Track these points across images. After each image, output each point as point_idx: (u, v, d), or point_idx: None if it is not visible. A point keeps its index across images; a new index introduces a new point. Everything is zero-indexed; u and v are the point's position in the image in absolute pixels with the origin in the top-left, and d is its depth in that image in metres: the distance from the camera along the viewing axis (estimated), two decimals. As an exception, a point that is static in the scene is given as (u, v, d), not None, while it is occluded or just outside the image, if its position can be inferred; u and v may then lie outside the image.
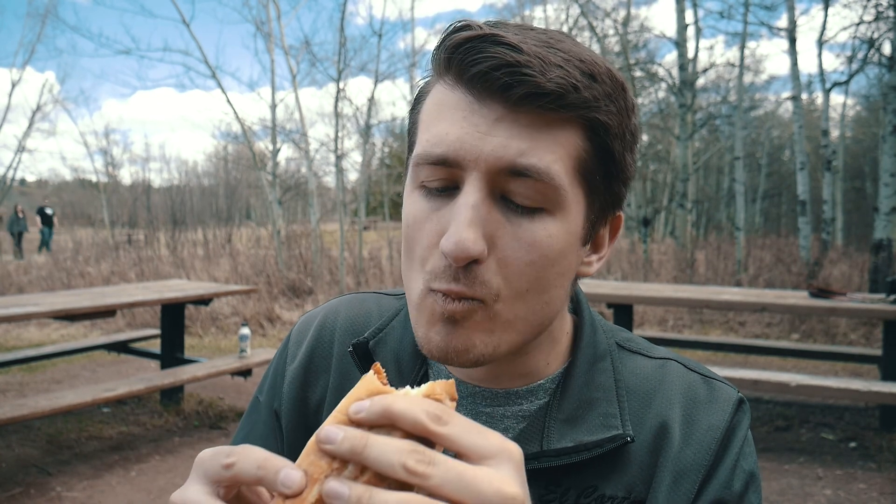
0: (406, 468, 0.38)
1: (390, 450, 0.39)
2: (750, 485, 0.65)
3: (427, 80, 0.63)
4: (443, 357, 0.58)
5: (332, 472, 0.42)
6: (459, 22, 0.57)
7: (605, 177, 0.59)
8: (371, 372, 0.47)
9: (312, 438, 0.44)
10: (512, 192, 0.56)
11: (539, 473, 0.63)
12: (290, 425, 0.75)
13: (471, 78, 0.55)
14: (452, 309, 0.57)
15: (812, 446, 4.12)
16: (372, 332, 0.73)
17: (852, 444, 4.11)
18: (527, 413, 0.67)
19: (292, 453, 0.58)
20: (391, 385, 0.68)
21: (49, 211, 18.24)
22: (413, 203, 0.60)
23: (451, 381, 0.46)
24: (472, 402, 0.68)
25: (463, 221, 0.54)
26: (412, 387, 0.67)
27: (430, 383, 0.46)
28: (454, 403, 0.46)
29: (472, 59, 0.54)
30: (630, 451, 0.64)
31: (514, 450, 0.42)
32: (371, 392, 0.45)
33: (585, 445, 0.62)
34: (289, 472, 0.42)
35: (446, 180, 0.57)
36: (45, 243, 17.15)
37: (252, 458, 0.44)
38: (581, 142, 0.57)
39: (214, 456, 0.45)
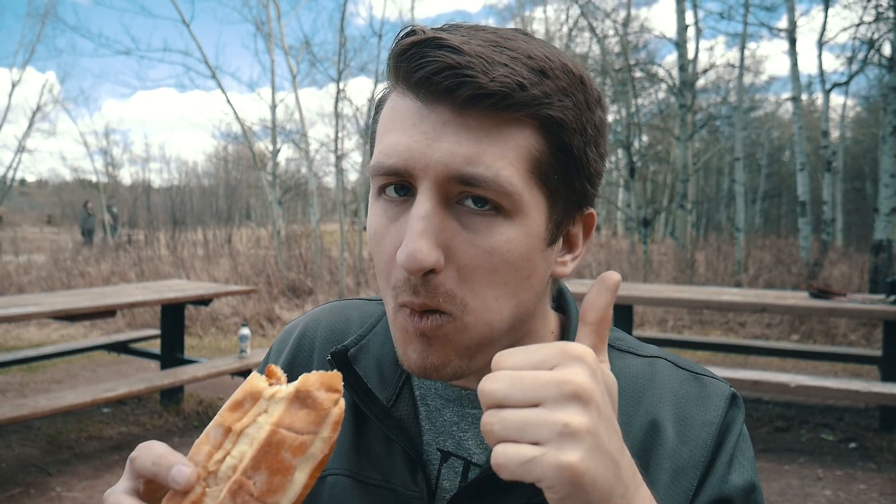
0: None
1: None
2: (752, 494, 0.64)
3: (385, 88, 0.62)
4: (421, 373, 0.58)
5: (211, 461, 0.47)
6: (406, 28, 0.57)
7: (564, 175, 0.58)
8: (255, 372, 0.50)
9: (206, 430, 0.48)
10: (464, 198, 0.55)
11: None
12: None
13: (416, 83, 0.54)
14: (422, 327, 0.56)
15: (812, 447, 4.12)
16: (353, 340, 0.72)
17: (852, 445, 4.12)
18: None
19: None
20: (372, 389, 0.70)
21: (114, 210, 18.42)
22: (373, 215, 0.60)
23: (334, 372, 0.49)
24: (459, 405, 0.67)
25: (415, 233, 0.53)
26: (392, 393, 0.69)
27: (303, 376, 0.48)
28: (336, 395, 0.48)
29: (415, 64, 0.53)
30: None
31: None
32: (246, 392, 0.48)
33: None
34: (180, 468, 0.45)
35: (402, 190, 0.57)
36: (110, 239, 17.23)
37: (150, 453, 0.47)
38: (535, 141, 0.55)
39: (134, 451, 0.48)
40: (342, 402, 0.48)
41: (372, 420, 0.67)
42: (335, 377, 0.48)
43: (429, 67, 0.52)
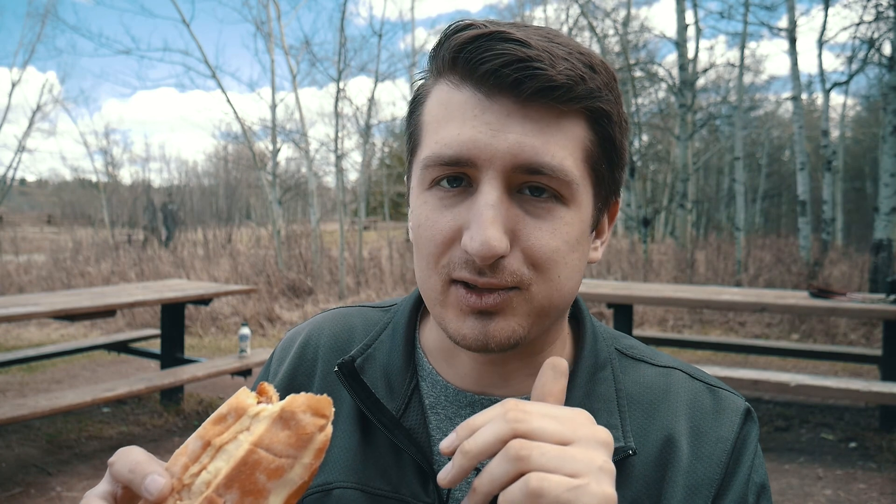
0: None
1: None
2: (762, 497, 0.64)
3: (424, 81, 0.63)
4: (482, 346, 0.58)
5: (187, 473, 0.45)
6: (461, 21, 0.57)
7: (608, 165, 0.61)
8: (245, 388, 0.49)
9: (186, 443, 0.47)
10: (528, 186, 0.57)
11: None
12: None
13: (481, 76, 0.55)
14: (488, 304, 0.57)
15: (812, 446, 4.12)
16: (359, 350, 0.71)
17: (852, 445, 4.11)
18: None
19: None
20: (381, 399, 0.69)
21: (172, 207, 18.48)
22: (423, 204, 0.60)
23: (323, 397, 0.47)
24: (471, 412, 0.67)
25: (486, 221, 0.54)
26: (401, 403, 0.68)
27: (291, 396, 0.47)
28: (322, 420, 0.46)
29: (480, 56, 0.55)
30: (633, 464, 0.63)
31: None
32: (231, 406, 0.47)
33: None
34: (155, 478, 0.44)
35: (460, 179, 0.58)
36: (169, 238, 17.23)
37: (127, 459, 0.46)
38: (587, 132, 0.58)
39: (114, 454, 0.47)
40: (329, 430, 0.46)
41: (380, 430, 0.67)
42: (324, 402, 0.47)
43: (497, 60, 0.54)
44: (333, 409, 0.48)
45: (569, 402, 0.65)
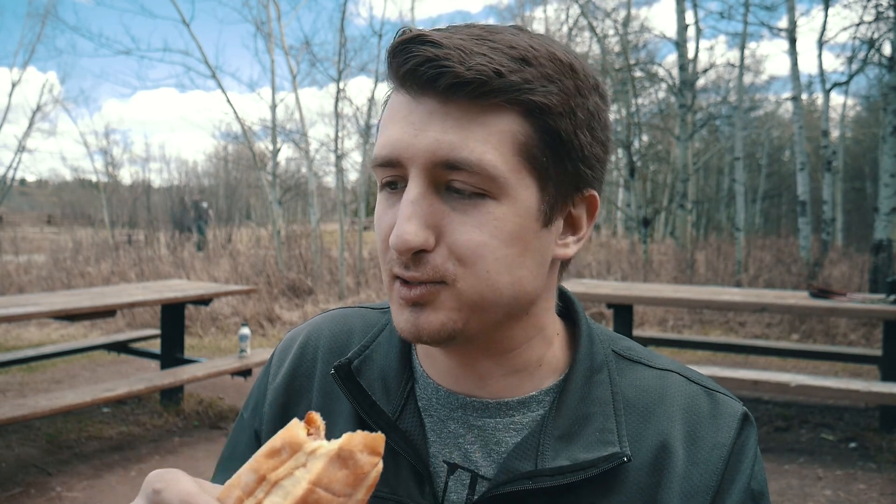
0: None
1: None
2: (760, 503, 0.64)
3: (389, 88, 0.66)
4: (415, 337, 0.60)
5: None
6: (400, 29, 0.60)
7: (553, 157, 0.59)
8: (296, 419, 0.48)
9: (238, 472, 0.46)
10: (453, 182, 0.58)
11: (534, 494, 0.61)
12: None
13: (403, 77, 0.58)
14: (416, 295, 0.59)
15: (812, 447, 4.12)
16: (356, 352, 0.72)
17: (852, 445, 4.12)
18: (520, 426, 0.65)
19: None
20: (378, 402, 0.69)
21: (204, 205, 18.42)
22: (377, 203, 0.63)
23: (378, 435, 0.47)
24: (464, 414, 0.67)
25: (403, 216, 0.57)
26: (397, 405, 0.68)
27: (347, 435, 0.46)
28: (376, 458, 0.46)
29: (401, 59, 0.57)
30: (628, 470, 0.62)
31: None
32: (285, 441, 0.46)
33: (581, 464, 0.61)
34: None
35: (398, 178, 0.60)
36: (200, 244, 17.12)
37: (177, 489, 0.44)
38: (519, 126, 0.57)
39: (153, 478, 0.45)
40: (380, 466, 0.47)
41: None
42: (379, 440, 0.47)
43: (412, 62, 0.56)
44: (384, 445, 0.48)
45: (564, 406, 0.65)
